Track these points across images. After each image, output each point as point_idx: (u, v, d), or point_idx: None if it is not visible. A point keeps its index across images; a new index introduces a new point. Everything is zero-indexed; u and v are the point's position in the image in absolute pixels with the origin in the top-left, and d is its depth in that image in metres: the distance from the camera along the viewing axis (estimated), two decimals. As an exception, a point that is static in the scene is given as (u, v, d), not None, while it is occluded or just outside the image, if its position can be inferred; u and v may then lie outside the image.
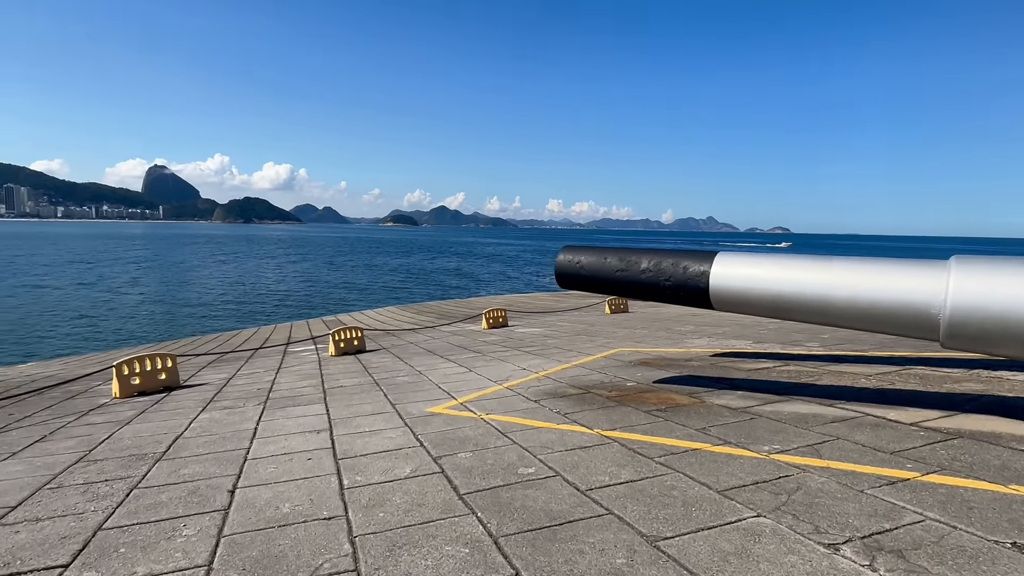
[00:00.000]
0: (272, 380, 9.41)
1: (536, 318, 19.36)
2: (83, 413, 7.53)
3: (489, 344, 12.74)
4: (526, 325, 17.00)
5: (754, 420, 5.49)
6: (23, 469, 5.10)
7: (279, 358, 12.37)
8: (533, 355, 10.68)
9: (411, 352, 12.14)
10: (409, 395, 7.57)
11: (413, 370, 9.66)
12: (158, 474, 4.79)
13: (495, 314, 17.29)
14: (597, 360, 9.71)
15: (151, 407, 7.70)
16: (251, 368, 11.08)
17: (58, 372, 12.99)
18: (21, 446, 5.95)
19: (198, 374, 10.64)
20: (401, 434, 5.65)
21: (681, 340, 11.85)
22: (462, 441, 5.29)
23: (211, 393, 8.50)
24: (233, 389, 8.79)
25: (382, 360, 11.12)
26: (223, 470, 4.80)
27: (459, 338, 14.40)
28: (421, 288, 57.21)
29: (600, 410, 6.19)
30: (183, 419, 6.81)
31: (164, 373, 9.21)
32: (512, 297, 34.44)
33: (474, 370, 9.31)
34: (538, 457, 4.72)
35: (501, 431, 5.56)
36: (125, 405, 7.93)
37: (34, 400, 8.77)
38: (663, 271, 6.11)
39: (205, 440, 5.79)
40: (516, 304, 26.88)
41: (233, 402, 7.73)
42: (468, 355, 11.12)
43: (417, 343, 13.85)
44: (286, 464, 4.88)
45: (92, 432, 6.38)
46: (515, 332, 15.16)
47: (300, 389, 8.42)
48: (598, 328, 15.17)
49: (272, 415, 6.81)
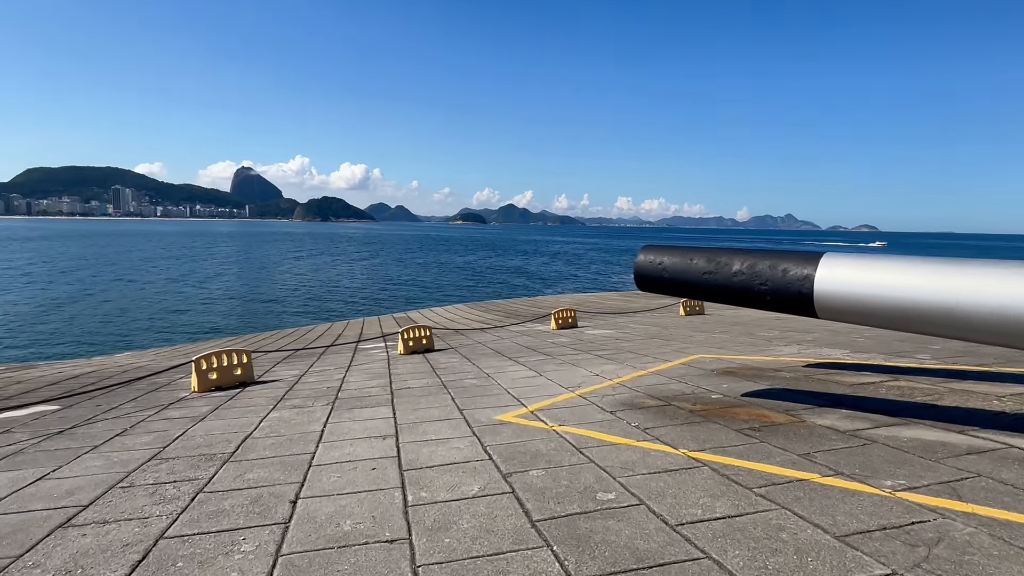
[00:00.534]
0: (342, 378, 9.39)
1: (606, 319, 18.74)
2: (163, 407, 7.72)
3: (559, 346, 12.30)
4: (596, 326, 16.44)
5: (868, 447, 4.78)
6: (100, 465, 5.15)
7: (350, 355, 12.45)
8: (606, 360, 10.16)
9: (479, 353, 11.90)
10: (477, 400, 7.27)
11: (481, 372, 9.38)
12: (224, 477, 4.69)
13: (564, 314, 16.83)
14: (675, 367, 9.08)
15: (225, 403, 7.79)
16: (323, 365, 11.17)
17: (148, 363, 13.66)
18: (103, 439, 6.08)
19: (272, 370, 10.83)
20: (469, 444, 5.33)
21: (767, 347, 10.97)
22: (533, 456, 4.90)
23: (282, 390, 8.55)
24: (304, 387, 8.82)
25: (450, 360, 10.92)
26: (287, 476, 4.64)
27: (528, 339, 14.05)
28: (488, 286, 57.46)
29: (684, 426, 5.63)
30: (254, 417, 6.80)
31: (239, 369, 9.37)
32: (580, 296, 33.81)
33: (544, 374, 8.91)
34: (618, 480, 4.26)
35: (575, 446, 5.13)
36: (201, 400, 8.08)
37: (122, 391, 9.14)
38: (758, 274, 5.47)
39: (272, 442, 5.70)
40: (585, 304, 26.28)
41: (303, 401, 7.70)
42: (537, 358, 10.74)
43: (485, 343, 13.62)
44: (350, 473, 4.66)
45: (168, 428, 6.46)
46: (585, 334, 14.64)
47: (368, 389, 8.31)
48: (673, 331, 14.40)
49: (339, 417, 6.68)
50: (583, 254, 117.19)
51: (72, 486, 4.62)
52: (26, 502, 4.31)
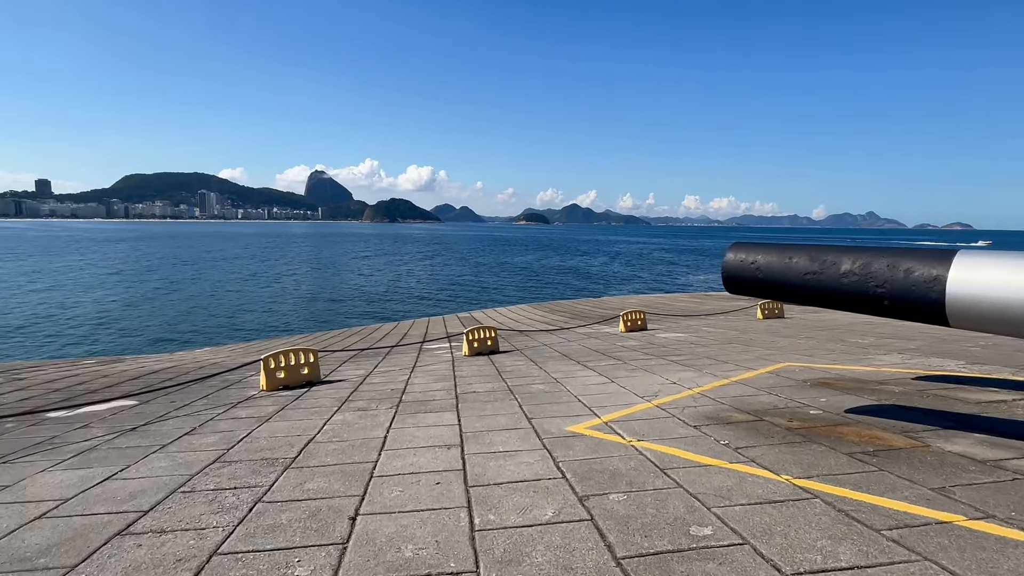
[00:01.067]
0: (406, 380, 9.18)
1: (677, 321, 17.86)
2: (232, 405, 7.73)
3: (629, 350, 11.68)
4: (668, 329, 15.64)
5: (1020, 482, 4.00)
6: (166, 466, 5.07)
7: (415, 356, 12.30)
8: (682, 366, 9.48)
9: (546, 355, 11.45)
10: (546, 408, 6.82)
11: (549, 377, 8.93)
12: (284, 486, 4.46)
13: (633, 316, 16.13)
14: (761, 376, 8.30)
15: (291, 403, 7.71)
16: (388, 365, 11.05)
17: (223, 360, 14.05)
18: (171, 438, 6.06)
19: (338, 369, 10.80)
20: (539, 459, 4.89)
21: (863, 355, 9.94)
22: (612, 476, 4.40)
23: (347, 391, 8.42)
24: (368, 388, 8.66)
25: (516, 363, 10.54)
26: (348, 488, 4.36)
27: (595, 341, 13.48)
28: (550, 287, 56.93)
29: (783, 447, 4.97)
30: (317, 420, 6.64)
31: (306, 368, 9.34)
32: (647, 298, 32.75)
33: (616, 381, 8.36)
34: (713, 511, 3.70)
35: (659, 466, 4.59)
36: (269, 399, 8.05)
37: (195, 388, 9.30)
38: (874, 275, 4.74)
39: (334, 447, 5.47)
40: (653, 305, 25.35)
41: (367, 403, 7.51)
42: (608, 362, 10.18)
43: (551, 345, 13.16)
44: (413, 487, 4.33)
45: (234, 428, 6.39)
46: (656, 337, 13.91)
47: (433, 392, 8.04)
48: (752, 335, 13.45)
49: (403, 422, 6.41)
50: (648, 254, 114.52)
51: (136, 488, 4.52)
52: (91, 504, 4.23)
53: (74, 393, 9.25)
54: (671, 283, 60.03)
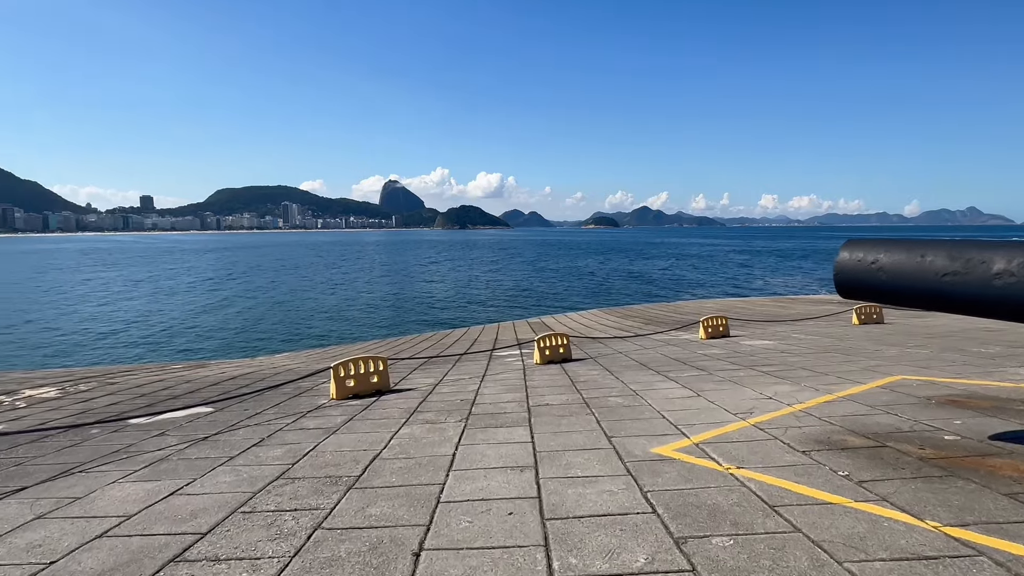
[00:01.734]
0: (476, 390, 8.81)
1: (763, 328, 16.63)
2: (301, 415, 7.61)
3: (713, 359, 10.82)
4: (752, 336, 14.54)
5: None
6: (230, 482, 4.89)
7: (484, 363, 11.96)
8: (775, 378, 8.58)
9: (621, 364, 10.79)
10: (627, 424, 6.23)
11: (627, 388, 8.30)
12: (346, 509, 4.14)
13: (714, 322, 15.12)
14: (873, 391, 7.32)
15: (359, 413, 7.50)
16: (457, 373, 10.75)
17: (299, 366, 14.27)
18: (239, 449, 5.94)
19: (408, 377, 10.60)
20: (624, 487, 4.33)
21: (993, 367, 8.67)
22: (712, 513, 3.78)
23: (416, 401, 8.13)
24: (437, 398, 8.35)
25: (590, 373, 9.96)
26: (412, 515, 3.97)
27: (674, 349, 12.66)
28: (621, 291, 55.58)
29: (919, 482, 4.16)
30: (384, 433, 6.36)
31: (375, 376, 9.17)
32: (725, 302, 31.09)
33: (703, 394, 7.62)
34: (847, 567, 3.02)
35: (767, 501, 3.93)
36: (338, 409, 7.88)
37: (269, 395, 9.32)
38: (1040, 275, 3.87)
39: (400, 465, 5.12)
40: (732, 310, 23.97)
41: (435, 415, 7.18)
42: (691, 373, 9.41)
43: (627, 353, 12.46)
44: (483, 518, 3.88)
45: (301, 440, 6.20)
46: (741, 344, 12.91)
47: (504, 404, 7.61)
48: (851, 343, 12.20)
49: (472, 437, 6.01)
50: (722, 256, 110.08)
51: (198, 506, 4.33)
52: (152, 523, 4.06)
53: (158, 398, 9.51)
54: (748, 287, 57.22)
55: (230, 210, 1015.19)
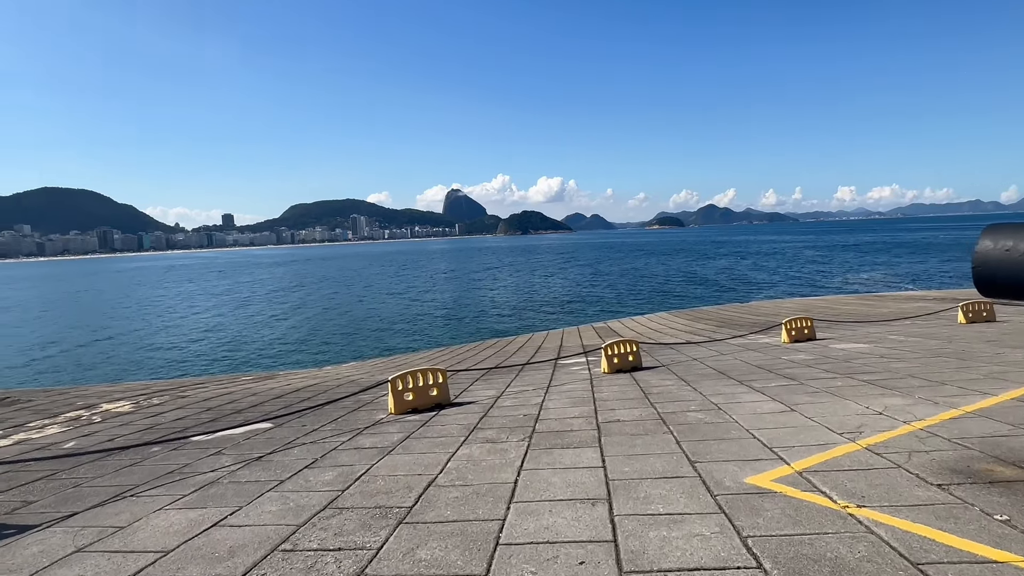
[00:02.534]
0: (540, 403, 8.23)
1: (853, 329, 15.18)
2: (358, 431, 7.27)
3: (802, 366, 9.76)
4: (843, 339, 13.22)
5: None
6: (275, 512, 4.53)
7: (549, 373, 11.36)
8: (881, 388, 7.52)
9: (697, 372, 9.93)
10: (712, 446, 5.47)
11: (707, 401, 7.48)
12: (393, 551, 3.65)
13: (798, 324, 13.88)
14: (1008, 405, 6.20)
15: (417, 430, 7.08)
16: (520, 384, 10.21)
17: (363, 376, 14.15)
18: (291, 472, 5.61)
19: (469, 388, 10.15)
20: (717, 529, 3.62)
21: None
22: (835, 570, 3.02)
23: (476, 417, 7.64)
24: (499, 412, 7.82)
25: (663, 382, 9.17)
26: (467, 561, 3.43)
27: (755, 355, 11.61)
28: (690, 292, 53.52)
29: (1113, 532, 3.23)
30: (442, 454, 5.88)
31: (435, 390, 8.76)
32: (805, 301, 29.05)
33: (797, 409, 6.72)
34: (1046, 664, 2.23)
35: (905, 555, 3.12)
36: (395, 425, 7.50)
37: (328, 409, 9.10)
38: None
39: (456, 495, 4.60)
40: (814, 310, 22.30)
41: (496, 432, 6.65)
42: (778, 382, 8.45)
43: (702, 359, 11.53)
44: (549, 567, 3.29)
45: (354, 462, 5.82)
46: (831, 348, 11.69)
47: (570, 420, 6.98)
48: (964, 346, 10.77)
49: (536, 460, 5.43)
50: (797, 253, 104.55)
51: (237, 541, 3.97)
52: (187, 561, 3.72)
53: (223, 413, 9.48)
54: (827, 284, 53.76)
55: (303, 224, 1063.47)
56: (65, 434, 8.46)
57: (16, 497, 5.41)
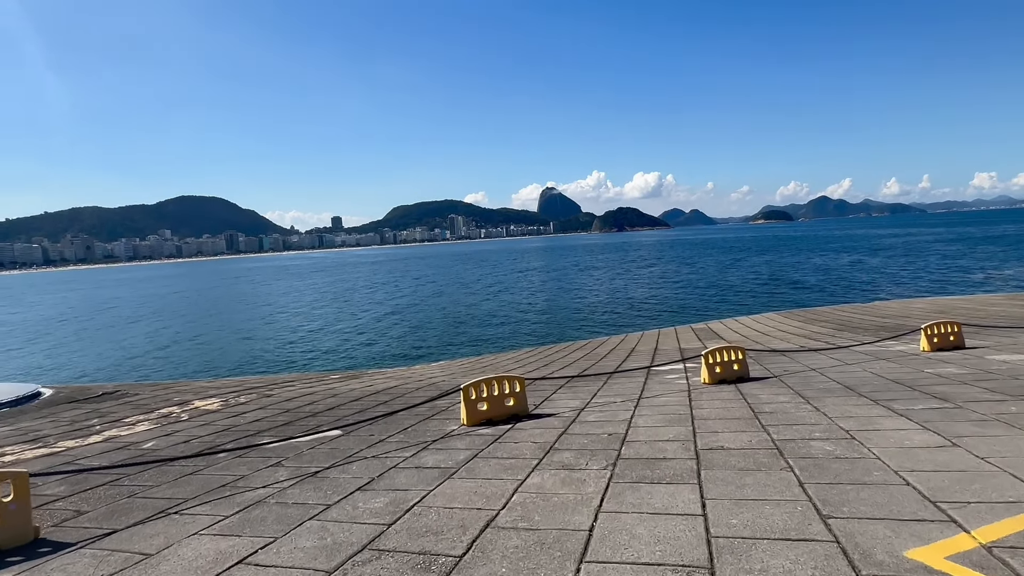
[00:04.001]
0: (628, 420, 7.21)
1: (1010, 335, 12.73)
2: (424, 445, 6.64)
3: (954, 383, 8.00)
4: (1001, 348, 11.00)
5: None
6: (308, 549, 3.92)
7: (641, 381, 10.25)
8: (1079, 419, 5.80)
9: (818, 387, 8.44)
10: (848, 492, 4.24)
11: (834, 426, 6.13)
12: (428, 624, 2.88)
13: (942, 328, 11.75)
14: None
15: (487, 447, 6.33)
16: (607, 394, 9.21)
17: (446, 379, 13.72)
18: (340, 495, 5.04)
19: (551, 397, 9.30)
20: (875, 639, 2.52)
21: None
22: None
23: (554, 433, 6.77)
24: (580, 429, 6.90)
25: (777, 399, 7.82)
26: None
27: (890, 366, 9.83)
28: (800, 290, 49.27)
29: None
30: (509, 481, 5.07)
31: (512, 399, 7.98)
32: (941, 301, 25.40)
33: (961, 443, 5.25)
34: None
35: None
36: (464, 440, 6.80)
37: (402, 416, 8.60)
38: None
39: (516, 545, 3.77)
40: (954, 311, 19.36)
41: (575, 456, 5.74)
42: (927, 404, 6.87)
43: (822, 370, 9.93)
44: None
45: (409, 487, 5.15)
46: (989, 361, 9.66)
47: (663, 445, 5.93)
48: None
49: (619, 498, 4.47)
50: (925, 247, 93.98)
51: (257, 589, 3.38)
52: (196, 612, 3.17)
53: (298, 416, 9.28)
54: (965, 282, 47.44)
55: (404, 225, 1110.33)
56: (150, 432, 8.55)
57: (72, 505, 5.24)
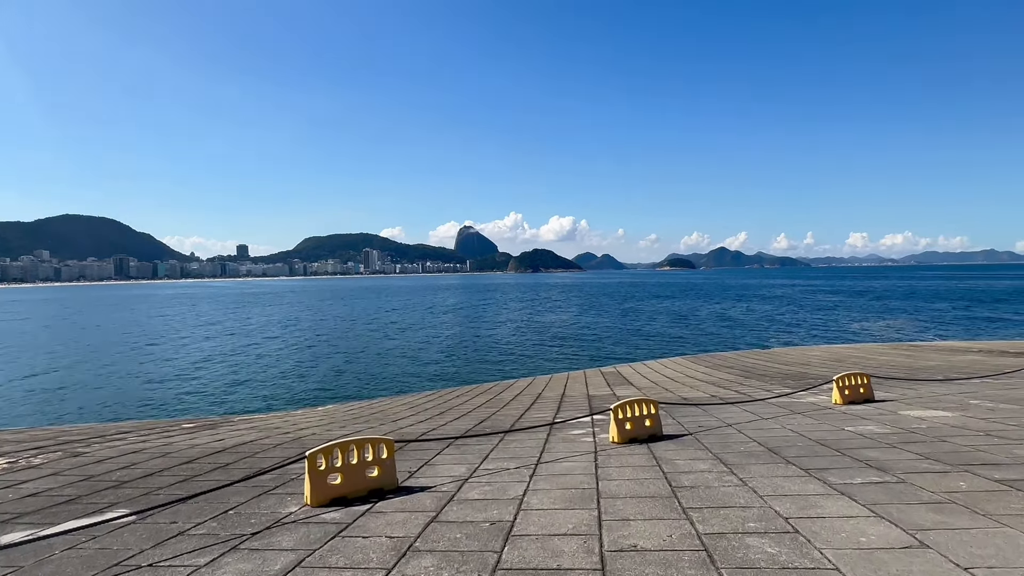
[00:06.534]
0: (520, 499, 5.67)
1: (911, 387, 12.56)
2: (235, 544, 4.75)
3: (881, 445, 7.16)
4: (909, 402, 10.59)
5: None
6: None
7: (542, 439, 8.79)
8: (1040, 499, 4.92)
9: (739, 449, 7.35)
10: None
11: (769, 510, 4.90)
12: None
13: (852, 381, 11.28)
14: None
15: (320, 548, 4.55)
16: (500, 458, 7.65)
17: (319, 430, 11.64)
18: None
19: (432, 462, 7.60)
20: None
21: None
22: None
23: (420, 522, 5.10)
24: (456, 513, 5.29)
25: (695, 465, 6.60)
26: None
27: (808, 422, 9.01)
28: (703, 335, 50.66)
29: None
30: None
31: (376, 468, 6.24)
32: (833, 349, 26.22)
33: (927, 539, 4.13)
34: None
35: None
36: (296, 533, 4.97)
37: (232, 491, 6.57)
38: None
39: None
40: (847, 359, 19.72)
41: (438, 562, 4.12)
42: (865, 476, 5.85)
43: (739, 426, 8.94)
44: None
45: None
46: (904, 417, 9.07)
47: (558, 543, 4.43)
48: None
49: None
50: (810, 297, 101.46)
51: None
52: None
53: (96, 487, 6.98)
54: (847, 331, 50.78)
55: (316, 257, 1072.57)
56: None
57: None
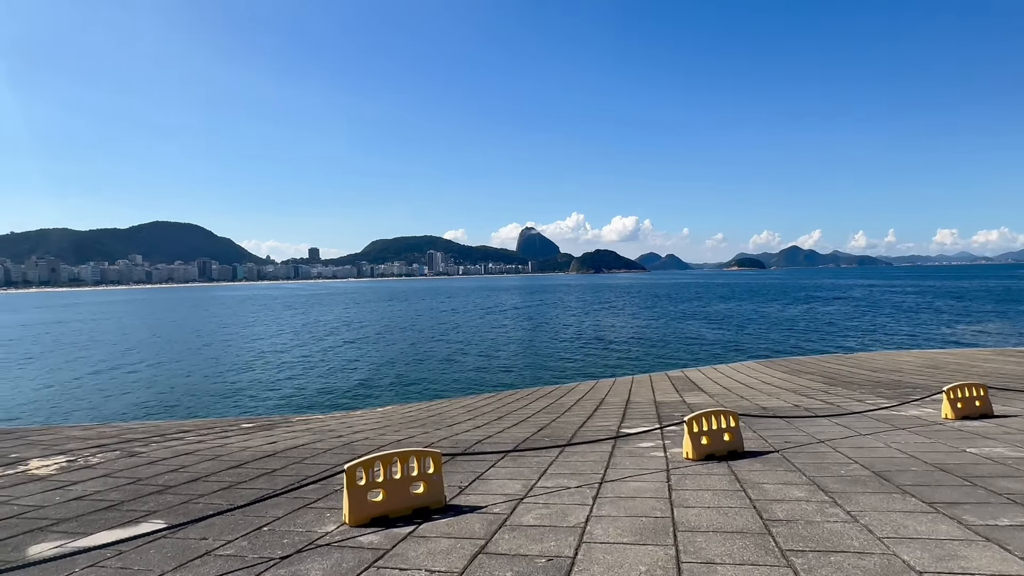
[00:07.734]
0: (582, 527, 4.92)
1: (1046, 402, 10.84)
2: (271, 563, 4.27)
3: (1020, 473, 5.93)
4: (1049, 420, 9.04)
5: None
6: None
7: (606, 453, 7.98)
8: None
9: (838, 472, 6.29)
10: None
11: (895, 559, 3.93)
12: None
13: (966, 392, 9.82)
14: None
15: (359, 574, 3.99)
16: (560, 474, 6.92)
17: (373, 435, 11.29)
18: None
19: (484, 475, 6.97)
20: None
21: None
22: None
23: (468, 551, 4.45)
24: (508, 542, 4.61)
25: (788, 492, 5.64)
26: None
27: (916, 441, 7.76)
28: (776, 339, 47.84)
29: None
30: None
31: (421, 484, 5.66)
32: (928, 354, 23.79)
33: None
34: None
35: None
36: (329, 559, 4.43)
37: (271, 504, 6.16)
38: None
39: None
40: (945, 366, 17.73)
41: (485, 609, 3.45)
42: (1011, 513, 4.73)
43: (832, 443, 7.82)
44: None
45: None
46: (1046, 439, 7.65)
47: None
48: None
49: None
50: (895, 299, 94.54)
51: None
52: None
53: (141, 491, 6.79)
54: (938, 335, 46.56)
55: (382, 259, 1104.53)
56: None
57: None
